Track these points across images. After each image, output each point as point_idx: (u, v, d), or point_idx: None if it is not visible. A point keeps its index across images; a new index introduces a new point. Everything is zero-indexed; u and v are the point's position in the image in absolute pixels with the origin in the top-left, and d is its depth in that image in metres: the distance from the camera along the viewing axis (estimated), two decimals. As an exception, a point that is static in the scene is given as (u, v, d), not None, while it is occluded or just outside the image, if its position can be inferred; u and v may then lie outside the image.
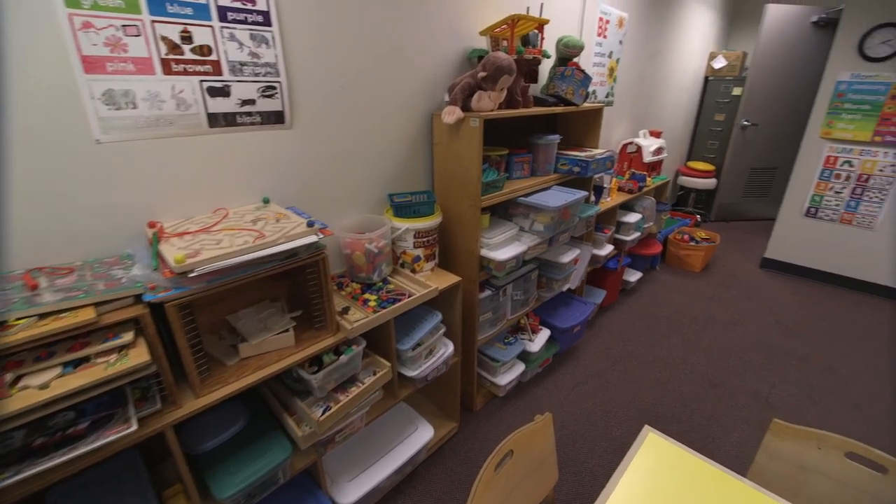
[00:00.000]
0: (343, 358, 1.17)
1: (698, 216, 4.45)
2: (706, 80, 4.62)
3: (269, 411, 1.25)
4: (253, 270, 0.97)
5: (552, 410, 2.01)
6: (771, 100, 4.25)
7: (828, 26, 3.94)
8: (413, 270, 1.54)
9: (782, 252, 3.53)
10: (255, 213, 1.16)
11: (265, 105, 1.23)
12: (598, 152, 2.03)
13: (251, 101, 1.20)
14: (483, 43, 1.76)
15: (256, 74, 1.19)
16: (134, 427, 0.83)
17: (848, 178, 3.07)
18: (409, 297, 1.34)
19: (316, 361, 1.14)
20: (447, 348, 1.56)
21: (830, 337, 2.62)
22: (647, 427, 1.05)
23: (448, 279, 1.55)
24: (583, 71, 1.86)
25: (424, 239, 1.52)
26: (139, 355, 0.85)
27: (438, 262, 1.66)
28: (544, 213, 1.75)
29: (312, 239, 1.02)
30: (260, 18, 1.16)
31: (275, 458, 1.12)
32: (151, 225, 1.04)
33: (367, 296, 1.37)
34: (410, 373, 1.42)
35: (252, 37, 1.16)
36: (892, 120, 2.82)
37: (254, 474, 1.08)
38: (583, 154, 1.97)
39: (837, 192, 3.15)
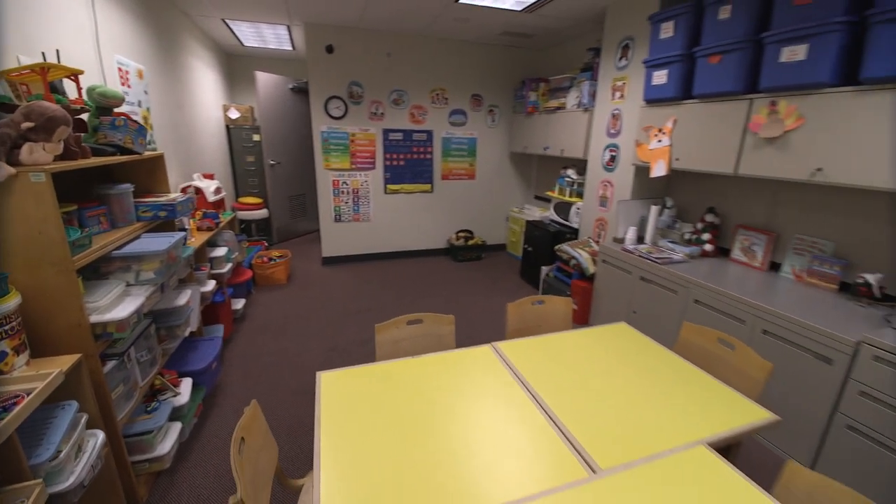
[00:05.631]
0: (-40, 508, 0.83)
1: (265, 241, 5.18)
2: (228, 128, 5.30)
3: None
4: None
5: (224, 443, 2.05)
6: (284, 144, 5.50)
7: (301, 92, 5.55)
8: (1, 371, 1.16)
9: (332, 250, 4.85)
10: None
11: None
12: (177, 196, 2.13)
13: None
14: (-10, 86, 1.44)
15: None
16: None
17: (348, 192, 4.66)
18: (27, 396, 1.06)
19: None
20: (97, 437, 1.31)
21: (374, 291, 4.04)
22: (318, 372, 1.49)
23: (61, 362, 1.28)
24: (136, 121, 1.90)
25: (6, 328, 1.18)
26: None
27: (32, 353, 1.30)
28: (151, 259, 1.73)
29: None
30: None
31: None
32: None
33: (-63, 430, 0.95)
34: (63, 485, 1.13)
35: None
36: (356, 155, 4.56)
37: None
38: (164, 199, 2.03)
39: (346, 203, 4.70)
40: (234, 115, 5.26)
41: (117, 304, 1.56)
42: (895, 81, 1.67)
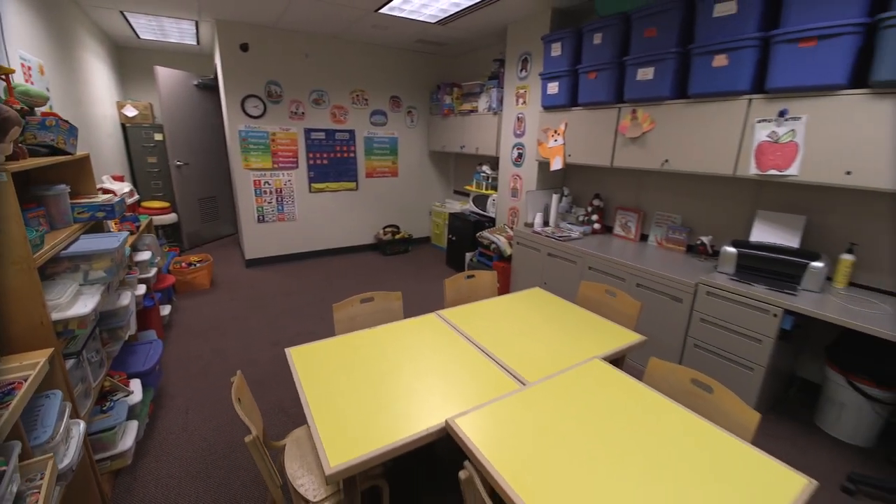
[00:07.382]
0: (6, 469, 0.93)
1: (178, 247, 4.89)
2: (124, 127, 4.87)
3: None
4: None
5: (187, 439, 2.11)
6: (192, 143, 5.21)
7: (207, 89, 5.30)
8: (-20, 367, 1.19)
9: (256, 251, 4.77)
10: None
11: None
12: (111, 197, 2.11)
13: None
14: None
15: None
16: None
17: (271, 192, 4.64)
18: (25, 383, 1.14)
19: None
20: (79, 425, 1.37)
21: (308, 288, 4.13)
22: (286, 349, 1.68)
23: (31, 357, 1.32)
24: (67, 121, 1.87)
25: (-20, 323, 1.21)
26: None
27: (-2, 351, 1.32)
28: (102, 258, 1.75)
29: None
30: None
31: None
32: None
33: (-59, 417, 1.00)
34: (61, 465, 1.20)
35: None
36: (278, 154, 4.55)
37: None
38: (99, 200, 2.01)
39: (269, 203, 4.67)
40: (130, 112, 4.86)
41: (75, 302, 1.59)
42: (709, 96, 2.34)
